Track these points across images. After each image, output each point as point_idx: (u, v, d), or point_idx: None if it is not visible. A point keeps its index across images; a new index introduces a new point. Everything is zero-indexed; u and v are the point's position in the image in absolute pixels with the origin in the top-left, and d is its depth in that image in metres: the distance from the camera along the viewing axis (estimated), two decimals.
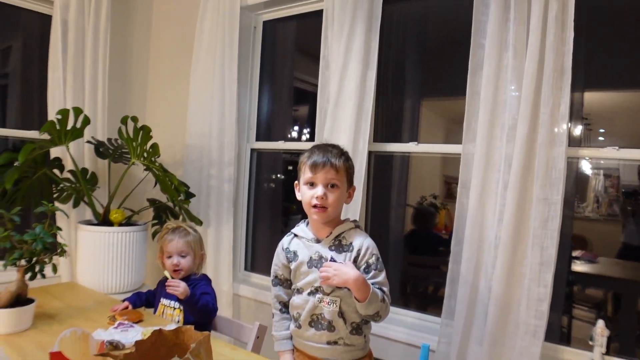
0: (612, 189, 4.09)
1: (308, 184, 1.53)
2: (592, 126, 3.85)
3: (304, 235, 1.60)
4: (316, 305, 1.52)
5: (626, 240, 3.18)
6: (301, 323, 1.55)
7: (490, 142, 1.98)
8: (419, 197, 3.44)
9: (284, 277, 1.63)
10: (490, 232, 1.96)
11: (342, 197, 1.55)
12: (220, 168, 2.88)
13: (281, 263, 1.63)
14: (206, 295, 1.85)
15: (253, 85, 3.07)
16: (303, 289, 1.56)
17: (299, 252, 1.58)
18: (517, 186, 1.88)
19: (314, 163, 1.51)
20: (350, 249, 1.53)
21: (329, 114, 2.40)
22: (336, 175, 1.51)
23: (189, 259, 1.94)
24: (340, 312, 1.50)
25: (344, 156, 1.57)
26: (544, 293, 1.83)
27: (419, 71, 2.75)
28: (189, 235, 1.96)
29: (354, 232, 1.57)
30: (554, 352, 2.02)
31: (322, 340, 1.52)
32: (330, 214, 1.52)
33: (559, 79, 1.86)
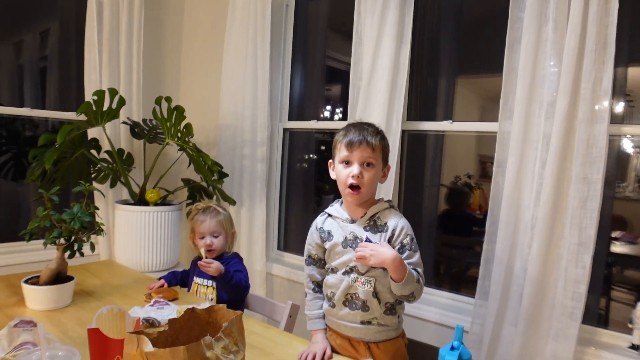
0: None
1: (344, 162, 1.51)
2: (634, 103, 3.71)
3: (339, 215, 1.59)
4: (350, 285, 1.51)
5: None
6: (335, 302, 1.55)
7: (528, 119, 1.92)
8: (453, 176, 3.39)
9: (318, 257, 1.63)
10: (526, 212, 1.91)
11: (377, 176, 1.53)
12: (253, 148, 2.89)
13: (315, 243, 1.62)
14: (239, 272, 1.88)
15: (285, 65, 3.05)
16: (338, 268, 1.55)
17: (333, 232, 1.57)
18: (556, 165, 1.82)
19: (350, 141, 1.48)
20: (385, 229, 1.51)
21: (362, 92, 2.37)
22: (372, 154, 1.49)
23: (221, 239, 1.97)
24: (375, 292, 1.49)
25: (380, 134, 1.54)
26: (582, 274, 1.78)
27: (455, 47, 2.67)
28: (219, 214, 1.98)
29: (389, 212, 1.55)
30: (591, 334, 1.98)
31: (355, 319, 1.52)
32: (364, 194, 1.50)
33: (602, 53, 1.78)
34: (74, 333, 1.46)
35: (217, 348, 0.79)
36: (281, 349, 1.47)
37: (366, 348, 1.52)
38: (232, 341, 0.85)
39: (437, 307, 2.30)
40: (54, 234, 1.65)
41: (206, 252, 1.93)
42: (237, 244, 2.93)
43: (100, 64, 2.87)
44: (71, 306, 1.70)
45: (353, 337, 1.53)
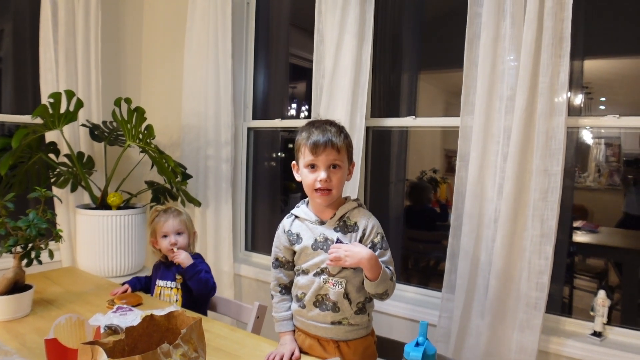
0: (613, 158, 4.05)
1: (309, 166, 1.47)
2: (592, 95, 3.80)
3: (307, 217, 1.56)
4: (321, 286, 1.49)
5: (627, 209, 3.16)
6: (305, 303, 1.52)
7: (489, 113, 1.95)
8: (419, 171, 3.42)
9: (286, 260, 1.60)
10: (490, 205, 1.94)
11: (345, 176, 1.51)
12: (218, 148, 2.85)
13: (283, 245, 1.59)
14: (206, 273, 1.87)
15: (248, 63, 3.02)
16: (309, 270, 1.52)
17: (302, 234, 1.54)
18: (517, 158, 1.85)
19: (315, 144, 1.44)
20: (356, 229, 1.50)
21: (325, 90, 2.36)
22: (338, 156, 1.46)
23: (185, 237, 1.95)
24: (346, 293, 1.48)
25: (343, 133, 1.51)
26: (545, 265, 1.81)
27: (417, 43, 2.69)
28: (181, 214, 1.98)
29: (358, 212, 1.54)
30: (555, 323, 2.02)
31: (326, 320, 1.50)
32: (334, 195, 1.48)
33: (558, 47, 1.81)
34: (33, 344, 1.40)
35: (176, 355, 0.77)
36: (248, 351, 1.45)
37: (335, 347, 1.51)
38: (191, 347, 0.83)
39: (406, 303, 2.31)
40: (10, 242, 1.59)
41: (170, 252, 1.90)
42: (204, 246, 2.90)
43: (56, 64, 2.78)
44: (30, 316, 1.64)
45: (322, 337, 1.52)
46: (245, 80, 3.00)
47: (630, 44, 2.58)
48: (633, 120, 1.98)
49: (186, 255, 1.86)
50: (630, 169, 3.14)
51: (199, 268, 1.83)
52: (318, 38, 2.45)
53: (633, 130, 2.22)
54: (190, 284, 1.84)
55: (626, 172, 3.17)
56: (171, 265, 1.91)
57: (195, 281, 1.82)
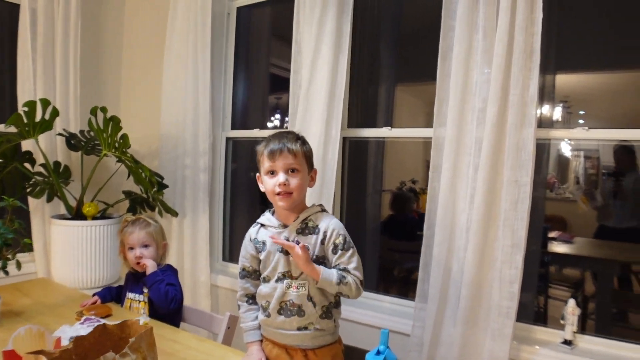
0: (592, 170, 4.11)
1: (269, 173, 1.51)
2: (571, 109, 3.86)
3: (270, 224, 1.59)
4: (285, 292, 1.51)
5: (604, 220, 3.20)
6: (270, 312, 1.54)
7: (461, 125, 1.97)
8: (399, 182, 3.44)
9: (253, 269, 1.62)
10: (461, 216, 1.96)
11: (305, 180, 1.54)
12: (195, 158, 2.84)
13: (249, 254, 1.61)
14: (170, 286, 1.83)
15: (227, 73, 3.03)
16: (270, 277, 1.55)
17: (267, 241, 1.57)
18: (488, 169, 1.87)
19: (271, 151, 1.49)
20: (317, 231, 1.52)
21: (301, 100, 2.38)
22: (295, 160, 1.50)
23: (151, 250, 1.92)
24: (309, 296, 1.50)
25: (300, 140, 1.55)
26: (515, 275, 1.83)
27: (394, 56, 2.72)
28: (149, 226, 1.94)
29: (320, 215, 1.56)
30: (527, 332, 2.04)
31: (292, 326, 1.51)
32: (295, 198, 1.50)
33: (528, 60, 1.85)
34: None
35: None
36: None
37: (303, 355, 1.52)
38: (140, 356, 0.82)
39: (382, 313, 2.31)
40: None
41: (135, 266, 1.89)
42: (180, 256, 2.88)
43: (34, 73, 2.76)
44: None
45: (290, 345, 1.53)
46: (224, 90, 3.00)
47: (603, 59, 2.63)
48: (601, 133, 2.02)
49: (153, 264, 1.84)
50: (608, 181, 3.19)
51: (160, 278, 1.81)
52: (296, 48, 2.47)
53: (610, 143, 2.25)
54: (149, 293, 1.82)
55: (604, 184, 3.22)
56: (140, 277, 1.89)
57: (155, 291, 1.80)
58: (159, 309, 1.79)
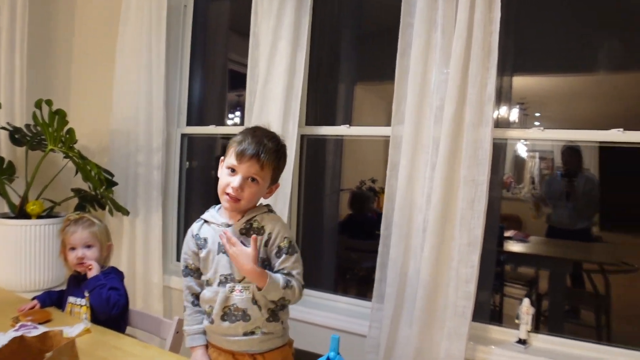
0: (547, 171, 4.20)
1: (230, 169, 1.44)
2: (528, 111, 3.93)
3: (214, 221, 1.52)
4: (228, 296, 1.45)
5: (559, 219, 3.27)
6: (214, 317, 1.47)
7: (419, 123, 1.95)
8: (359, 181, 3.42)
9: (195, 267, 1.55)
10: (419, 215, 1.93)
11: (260, 193, 1.47)
12: (148, 154, 2.73)
13: (191, 251, 1.54)
14: (113, 290, 1.73)
15: (183, 68, 2.92)
16: (212, 280, 1.48)
17: (209, 238, 1.50)
18: (445, 168, 1.85)
19: (242, 152, 1.40)
20: (262, 232, 1.47)
21: (258, 96, 2.31)
22: (260, 172, 1.42)
23: (94, 251, 1.81)
24: (254, 299, 1.44)
25: (277, 153, 1.48)
26: (471, 274, 1.82)
27: (354, 53, 2.69)
28: (93, 225, 1.84)
29: (267, 216, 1.50)
30: (482, 331, 2.03)
31: (237, 332, 1.45)
32: (242, 206, 1.44)
33: (486, 59, 1.85)
34: None
35: None
36: None
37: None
38: None
39: (338, 314, 2.27)
40: None
41: (77, 267, 1.78)
42: (132, 256, 2.77)
43: None
44: None
45: (237, 351, 1.47)
46: (179, 84, 2.90)
47: (558, 62, 2.67)
48: (557, 133, 2.03)
49: (97, 268, 1.75)
50: (562, 181, 3.25)
51: (102, 282, 1.71)
52: (253, 42, 2.40)
53: (562, 143, 2.27)
54: (90, 298, 1.72)
55: (559, 184, 3.28)
56: (82, 280, 1.79)
57: (96, 295, 1.70)
58: (100, 315, 1.69)
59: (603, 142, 1.97)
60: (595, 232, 3.51)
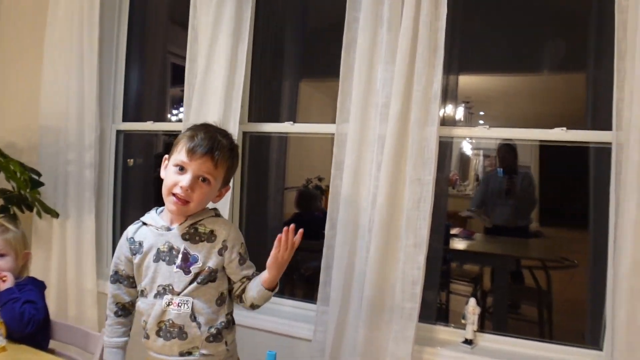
0: (490, 168, 4.27)
1: (178, 166, 1.31)
2: (473, 110, 3.99)
3: (153, 223, 1.39)
4: (164, 310, 1.32)
5: (502, 216, 3.32)
6: (148, 332, 1.35)
7: (364, 121, 1.90)
8: (305, 179, 3.35)
9: (126, 274, 1.42)
10: (364, 215, 1.88)
11: (210, 195, 1.36)
12: (80, 152, 2.55)
13: (124, 256, 1.41)
14: (28, 304, 1.57)
15: (119, 60, 2.75)
16: (147, 290, 1.35)
17: (145, 242, 1.37)
18: (390, 167, 1.81)
19: (193, 148, 1.29)
20: (212, 238, 1.35)
21: (197, 91, 2.19)
22: (213, 171, 1.31)
23: (8, 260, 1.65)
24: (193, 315, 1.32)
25: (232, 152, 1.38)
26: (417, 275, 1.79)
27: (300, 49, 2.62)
28: (7, 232, 1.67)
29: (215, 220, 1.40)
30: (429, 332, 2.01)
31: (173, 351, 1.33)
32: (191, 209, 1.33)
33: (433, 56, 1.82)
34: None
35: None
36: None
37: None
38: None
39: (282, 317, 2.18)
40: None
41: None
42: (63, 261, 2.59)
43: None
44: None
45: None
46: (115, 78, 2.73)
47: (503, 62, 2.70)
48: (501, 132, 2.03)
49: (12, 280, 1.58)
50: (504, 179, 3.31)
51: (15, 296, 1.54)
52: (192, 35, 2.28)
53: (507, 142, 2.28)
54: (1, 313, 1.56)
55: (501, 182, 3.33)
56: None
57: (8, 311, 1.53)
58: (14, 332, 1.53)
59: (545, 140, 1.98)
60: (536, 228, 3.60)
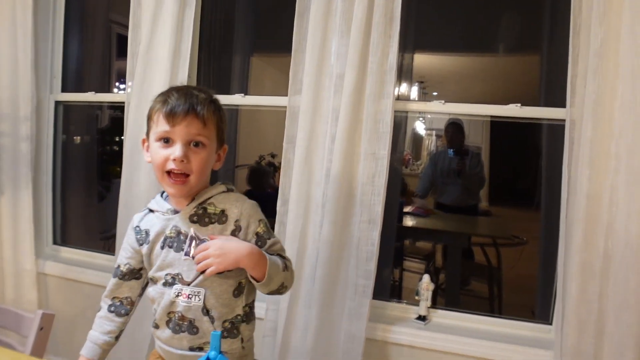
0: (441, 147, 4.28)
1: (162, 139, 1.14)
2: (427, 90, 3.99)
3: (159, 208, 1.23)
4: (173, 301, 1.17)
5: (451, 195, 3.35)
6: (157, 322, 1.21)
7: (318, 93, 1.83)
8: (257, 156, 3.27)
9: (129, 269, 1.26)
10: (317, 190, 1.82)
11: (209, 159, 1.17)
12: (15, 124, 2.37)
13: (130, 247, 1.26)
14: None
15: (56, 26, 2.55)
16: (157, 278, 1.20)
17: (151, 230, 1.21)
18: (345, 140, 1.75)
19: (172, 111, 1.10)
20: (223, 219, 1.18)
21: (140, 59, 2.06)
22: (203, 130, 1.13)
23: None
24: (205, 308, 1.16)
25: (214, 104, 1.19)
26: (372, 252, 1.76)
27: (251, 17, 2.51)
28: None
29: (227, 197, 1.21)
30: (382, 309, 1.99)
31: (182, 345, 1.18)
32: (192, 184, 1.15)
33: (389, 26, 1.76)
34: None
35: None
36: None
37: None
38: None
39: None
40: None
41: None
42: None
43: None
44: None
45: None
46: (52, 45, 2.54)
47: (456, 42, 2.68)
48: (457, 107, 2.00)
49: None
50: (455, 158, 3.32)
51: None
52: (135, 1, 2.13)
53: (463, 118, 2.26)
54: None
55: (451, 161, 3.35)
56: None
57: None
58: None
59: (499, 116, 1.97)
60: (486, 207, 3.65)
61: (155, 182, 2.01)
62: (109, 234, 2.73)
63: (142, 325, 2.00)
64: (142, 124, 2.05)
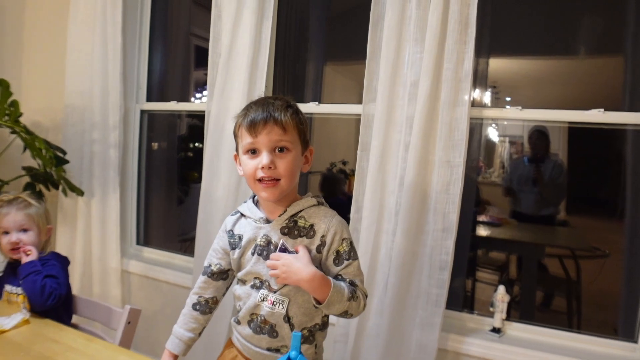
0: (516, 155, 4.15)
1: (249, 151, 1.18)
2: (499, 95, 3.87)
3: (251, 215, 1.27)
4: (258, 304, 1.22)
5: (527, 203, 3.23)
6: (240, 319, 1.27)
7: (392, 101, 1.83)
8: (329, 163, 3.30)
9: (219, 269, 1.32)
10: (391, 198, 1.82)
11: (297, 162, 1.20)
12: (105, 132, 2.55)
13: (221, 249, 1.32)
14: (50, 279, 1.55)
15: (142, 38, 2.73)
16: (245, 280, 1.26)
17: (244, 236, 1.26)
18: (419, 148, 1.74)
19: (252, 122, 1.15)
20: (312, 233, 1.21)
21: (220, 70, 2.16)
22: (284, 135, 1.16)
23: (31, 235, 1.63)
24: (287, 316, 1.20)
25: (292, 108, 1.21)
26: (445, 261, 1.73)
27: (325, 27, 2.56)
28: (30, 207, 1.65)
29: (317, 211, 1.23)
30: (455, 319, 1.96)
31: (261, 344, 1.24)
32: (284, 187, 1.17)
33: (464, 32, 1.73)
34: None
35: None
36: None
37: None
38: None
39: None
40: None
41: (10, 252, 1.60)
42: (88, 239, 2.61)
43: None
44: None
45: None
46: (138, 57, 2.71)
47: (533, 45, 2.59)
48: (535, 113, 1.93)
49: (35, 254, 1.57)
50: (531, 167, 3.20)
51: (37, 269, 1.53)
52: (216, 13, 2.23)
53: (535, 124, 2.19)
54: (22, 286, 1.55)
55: (527, 169, 3.23)
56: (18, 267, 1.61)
57: (29, 283, 1.51)
58: (34, 305, 1.53)
59: (581, 122, 1.88)
60: (564, 217, 3.49)
61: (233, 189, 2.11)
62: (186, 236, 2.86)
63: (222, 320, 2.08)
64: (221, 131, 2.16)
